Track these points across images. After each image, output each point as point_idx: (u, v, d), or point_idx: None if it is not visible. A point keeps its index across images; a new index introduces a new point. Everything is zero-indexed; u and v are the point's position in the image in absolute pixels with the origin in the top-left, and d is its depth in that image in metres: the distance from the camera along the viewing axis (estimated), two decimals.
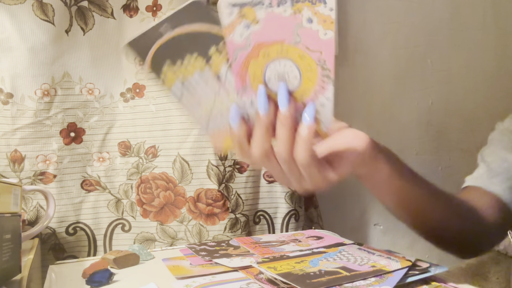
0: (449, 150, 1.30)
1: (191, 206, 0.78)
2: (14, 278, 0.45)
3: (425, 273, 0.47)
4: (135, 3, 0.80)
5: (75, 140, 0.76)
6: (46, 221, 0.66)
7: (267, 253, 0.57)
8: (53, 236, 0.74)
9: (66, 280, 0.54)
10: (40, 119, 0.72)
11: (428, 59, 1.25)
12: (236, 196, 0.82)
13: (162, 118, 0.79)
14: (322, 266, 0.49)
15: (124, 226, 0.79)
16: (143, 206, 0.79)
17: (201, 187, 0.79)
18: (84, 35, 0.76)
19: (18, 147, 0.71)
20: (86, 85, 0.77)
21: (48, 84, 0.72)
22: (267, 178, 0.86)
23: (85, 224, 0.77)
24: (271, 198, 0.86)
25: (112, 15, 0.78)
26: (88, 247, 0.77)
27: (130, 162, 0.80)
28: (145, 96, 0.80)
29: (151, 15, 0.79)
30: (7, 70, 0.70)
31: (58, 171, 0.74)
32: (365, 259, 0.52)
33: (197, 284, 0.47)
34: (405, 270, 0.47)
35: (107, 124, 0.79)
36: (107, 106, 0.79)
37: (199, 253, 0.59)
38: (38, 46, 0.71)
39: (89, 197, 0.77)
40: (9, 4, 0.69)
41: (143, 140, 0.80)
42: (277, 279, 0.46)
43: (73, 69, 0.75)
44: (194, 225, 0.78)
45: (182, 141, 0.78)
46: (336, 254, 0.55)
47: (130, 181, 0.79)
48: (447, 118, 1.29)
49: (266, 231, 0.86)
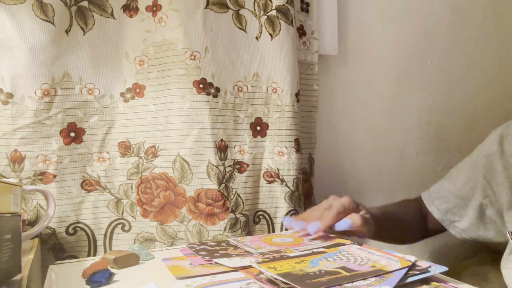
0: (449, 150, 1.30)
1: (191, 206, 0.78)
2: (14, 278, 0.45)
3: (425, 273, 0.47)
4: (135, 3, 0.80)
5: (75, 140, 0.76)
6: (46, 221, 0.66)
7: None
8: (53, 236, 0.74)
9: (66, 280, 0.54)
10: (40, 119, 0.72)
11: (428, 59, 1.25)
12: (236, 196, 0.82)
13: (162, 118, 0.79)
14: (322, 266, 0.49)
15: (124, 226, 0.79)
16: (143, 206, 0.79)
17: (201, 187, 0.79)
18: (84, 35, 0.76)
19: (18, 147, 0.71)
20: (86, 85, 0.77)
21: (48, 84, 0.72)
22: (267, 178, 0.86)
23: (85, 224, 0.77)
24: (271, 198, 0.86)
25: (112, 15, 0.78)
26: (88, 247, 0.77)
27: (130, 162, 0.80)
28: (145, 96, 0.80)
29: (151, 15, 0.79)
30: (7, 70, 0.70)
31: (58, 171, 0.74)
32: (365, 259, 0.52)
33: (197, 284, 0.47)
34: (405, 270, 0.47)
35: (107, 124, 0.79)
36: (107, 106, 0.79)
37: (199, 252, 0.59)
38: (38, 46, 0.71)
39: (89, 197, 0.77)
40: (9, 4, 0.69)
41: (143, 140, 0.80)
42: (277, 279, 0.46)
43: (73, 69, 0.75)
44: (194, 225, 0.78)
45: (182, 141, 0.78)
46: (336, 254, 0.55)
47: (130, 181, 0.79)
48: (447, 118, 1.30)
49: (266, 231, 0.86)
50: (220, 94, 0.81)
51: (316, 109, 0.97)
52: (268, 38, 0.85)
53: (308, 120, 0.96)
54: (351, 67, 1.11)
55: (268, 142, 0.86)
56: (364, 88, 1.14)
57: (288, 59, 0.85)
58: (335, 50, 1.03)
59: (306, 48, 0.95)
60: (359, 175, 1.13)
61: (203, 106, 0.79)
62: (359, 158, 1.13)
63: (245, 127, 0.84)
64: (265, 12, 0.85)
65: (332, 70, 1.07)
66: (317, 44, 0.96)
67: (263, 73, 0.86)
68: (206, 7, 0.80)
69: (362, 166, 1.14)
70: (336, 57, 1.07)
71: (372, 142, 1.15)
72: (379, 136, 1.16)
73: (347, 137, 1.11)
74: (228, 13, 0.83)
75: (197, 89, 0.78)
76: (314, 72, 0.96)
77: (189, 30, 0.78)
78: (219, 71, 0.81)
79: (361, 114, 1.14)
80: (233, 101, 0.83)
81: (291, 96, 0.85)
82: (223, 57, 0.82)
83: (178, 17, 0.77)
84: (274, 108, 0.86)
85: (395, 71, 1.19)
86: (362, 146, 1.14)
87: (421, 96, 1.24)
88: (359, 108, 1.13)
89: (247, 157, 0.84)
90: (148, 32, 0.80)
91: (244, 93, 0.84)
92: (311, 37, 0.96)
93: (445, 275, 0.49)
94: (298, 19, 0.93)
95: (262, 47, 0.85)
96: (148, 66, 0.80)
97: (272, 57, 0.85)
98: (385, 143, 1.17)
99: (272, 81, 0.86)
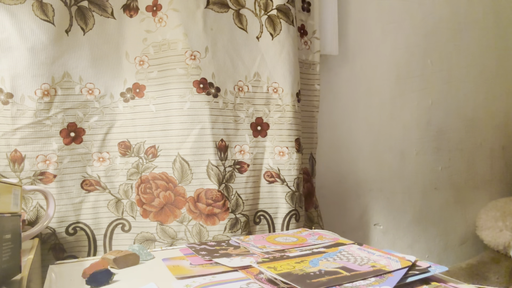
0: (449, 150, 1.30)
1: (191, 206, 0.78)
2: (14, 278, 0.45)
3: (425, 273, 0.47)
4: (135, 3, 0.80)
5: (75, 140, 0.76)
6: (46, 221, 0.66)
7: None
8: (53, 236, 0.74)
9: (66, 280, 0.54)
10: (40, 119, 0.72)
11: (428, 59, 1.25)
12: (236, 196, 0.82)
13: (162, 118, 0.79)
14: (322, 266, 0.49)
15: (124, 226, 0.79)
16: (143, 206, 0.79)
17: (201, 187, 0.79)
18: (84, 35, 0.76)
19: (18, 147, 0.71)
20: (86, 85, 0.77)
21: (48, 84, 0.72)
22: (268, 178, 0.86)
23: (85, 224, 0.77)
24: (271, 198, 0.86)
25: (112, 15, 0.78)
26: (88, 247, 0.77)
27: (130, 162, 0.80)
28: (145, 96, 0.80)
29: (151, 15, 0.79)
30: (7, 70, 0.70)
31: (58, 171, 0.74)
32: (365, 259, 0.52)
33: (197, 284, 0.47)
34: (405, 270, 0.47)
35: (107, 124, 0.79)
36: (107, 106, 0.79)
37: (199, 252, 0.59)
38: (38, 46, 0.71)
39: (89, 197, 0.77)
40: (9, 4, 0.69)
41: (143, 140, 0.80)
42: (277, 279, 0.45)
43: (73, 69, 0.75)
44: (194, 225, 0.78)
45: (182, 141, 0.78)
46: (336, 254, 0.55)
47: (130, 181, 0.79)
48: (447, 118, 1.30)
49: (266, 231, 0.86)
50: (221, 94, 0.81)
51: (317, 109, 0.97)
52: (269, 38, 0.85)
53: (310, 120, 0.96)
54: (351, 67, 1.11)
55: (268, 142, 0.86)
56: (364, 88, 1.14)
57: (289, 59, 0.85)
58: (335, 50, 1.03)
59: (307, 48, 0.95)
60: (359, 175, 1.13)
61: (203, 106, 0.79)
62: (359, 158, 1.13)
63: (245, 127, 0.84)
64: (265, 12, 0.85)
65: (332, 70, 1.07)
66: (318, 43, 0.96)
67: (264, 72, 0.86)
68: (207, 7, 0.80)
69: (362, 166, 1.14)
70: (336, 57, 1.07)
71: (372, 142, 1.15)
72: (379, 136, 1.16)
73: (347, 137, 1.11)
74: (229, 12, 0.83)
75: (197, 89, 0.78)
76: (315, 72, 0.96)
77: (189, 30, 0.78)
78: (219, 71, 0.81)
79: (361, 114, 1.14)
80: (233, 101, 0.83)
81: (292, 96, 0.85)
82: (223, 57, 0.82)
83: (178, 17, 0.77)
84: (275, 108, 0.86)
85: (395, 71, 1.19)
86: (362, 146, 1.14)
87: (421, 96, 1.24)
88: (359, 108, 1.13)
89: (248, 157, 0.84)
90: (148, 32, 0.80)
91: (244, 93, 0.84)
92: (312, 36, 0.96)
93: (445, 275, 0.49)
94: (299, 18, 0.93)
95: (262, 47, 0.85)
96: (148, 66, 0.80)
97: (273, 57, 0.85)
98: (385, 143, 1.17)
99: (273, 81, 0.86)
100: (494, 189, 1.40)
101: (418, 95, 1.23)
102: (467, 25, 1.33)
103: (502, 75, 1.41)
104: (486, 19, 1.37)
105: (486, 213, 1.27)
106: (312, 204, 0.95)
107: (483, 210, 1.29)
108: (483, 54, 1.37)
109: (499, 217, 1.22)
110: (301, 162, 0.88)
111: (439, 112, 1.28)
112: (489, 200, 1.35)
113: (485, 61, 1.37)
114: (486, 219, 1.26)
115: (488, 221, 1.25)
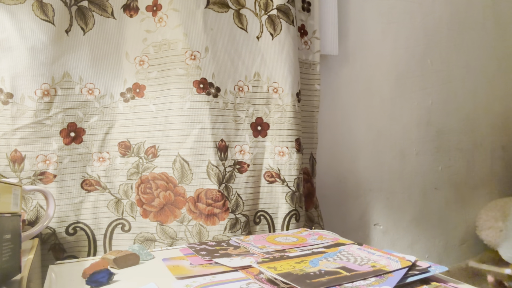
0: (449, 150, 1.30)
1: (191, 206, 0.78)
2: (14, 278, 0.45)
3: (425, 273, 0.47)
4: (135, 3, 0.80)
5: (75, 140, 0.76)
6: (46, 221, 0.66)
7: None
8: (53, 236, 0.74)
9: (66, 280, 0.54)
10: (40, 119, 0.72)
11: (428, 59, 1.25)
12: (236, 196, 0.82)
13: (162, 118, 0.79)
14: (322, 266, 0.49)
15: (124, 226, 0.79)
16: (143, 206, 0.79)
17: (201, 187, 0.79)
18: (84, 35, 0.76)
19: (18, 147, 0.71)
20: (86, 85, 0.77)
21: (48, 84, 0.72)
22: (268, 178, 0.86)
23: (85, 224, 0.77)
24: (271, 198, 0.86)
25: (112, 15, 0.78)
26: (88, 247, 0.77)
27: (130, 162, 0.80)
28: (145, 96, 0.80)
29: (151, 15, 0.79)
30: (7, 70, 0.70)
31: (58, 171, 0.74)
32: (365, 259, 0.52)
33: (197, 284, 0.47)
34: (405, 270, 0.47)
35: (107, 124, 0.79)
36: (107, 106, 0.79)
37: (199, 252, 0.59)
38: (38, 46, 0.71)
39: (89, 197, 0.77)
40: (9, 4, 0.69)
41: (143, 140, 0.80)
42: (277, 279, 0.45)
43: (73, 69, 0.75)
44: (194, 225, 0.78)
45: (182, 141, 0.78)
46: (336, 254, 0.55)
47: (130, 181, 0.79)
48: (447, 118, 1.30)
49: (266, 231, 0.86)
50: (221, 94, 0.81)
51: (317, 109, 0.97)
52: (269, 38, 0.85)
53: (310, 120, 0.96)
54: (351, 67, 1.11)
55: (269, 142, 0.86)
56: (364, 88, 1.14)
57: (289, 59, 0.85)
58: (335, 50, 1.03)
59: (307, 48, 0.95)
60: (359, 174, 1.13)
61: (203, 106, 0.79)
62: (359, 158, 1.13)
63: (245, 127, 0.84)
64: (266, 12, 0.85)
65: (332, 70, 1.07)
66: (318, 43, 0.96)
67: (264, 72, 0.86)
68: (207, 7, 0.80)
69: (362, 166, 1.14)
70: (336, 57, 1.07)
71: (372, 142, 1.15)
72: (379, 136, 1.16)
73: (347, 137, 1.11)
74: (229, 12, 0.83)
75: (197, 89, 0.78)
76: (315, 72, 0.96)
77: (189, 30, 0.78)
78: (219, 71, 0.81)
79: (361, 114, 1.14)
80: (233, 101, 0.83)
81: (292, 96, 0.85)
82: (223, 57, 0.82)
83: (178, 17, 0.77)
84: (275, 108, 0.86)
85: (395, 71, 1.19)
86: (362, 146, 1.14)
87: (421, 96, 1.24)
88: (359, 108, 1.13)
89: (248, 157, 0.84)
90: (148, 32, 0.80)
91: (244, 93, 0.84)
92: (312, 36, 0.96)
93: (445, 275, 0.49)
94: (299, 18, 0.93)
95: (263, 47, 0.85)
96: (148, 66, 0.80)
97: (273, 57, 0.85)
98: (385, 143, 1.17)
99: (273, 80, 0.86)
100: (494, 189, 1.40)
101: (418, 95, 1.23)
102: (467, 25, 1.33)
103: (502, 75, 1.41)
104: (486, 19, 1.37)
105: (486, 213, 1.27)
106: (312, 204, 0.95)
107: (483, 210, 1.29)
108: (483, 54, 1.37)
109: (499, 217, 1.22)
110: (301, 162, 0.88)
111: (439, 112, 1.28)
112: (489, 200, 1.35)
113: (485, 61, 1.37)
114: (486, 219, 1.26)
115: (488, 221, 1.25)
